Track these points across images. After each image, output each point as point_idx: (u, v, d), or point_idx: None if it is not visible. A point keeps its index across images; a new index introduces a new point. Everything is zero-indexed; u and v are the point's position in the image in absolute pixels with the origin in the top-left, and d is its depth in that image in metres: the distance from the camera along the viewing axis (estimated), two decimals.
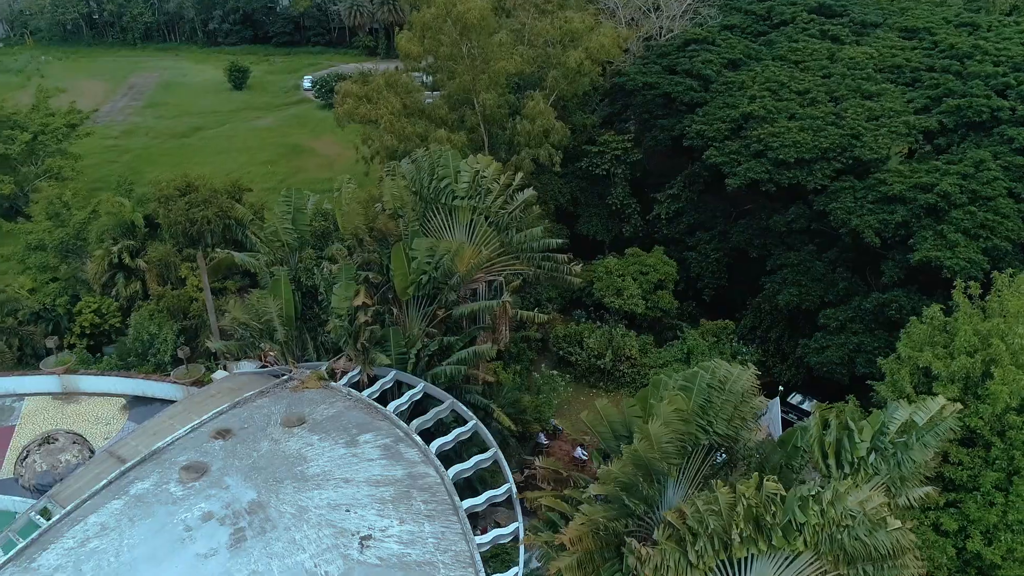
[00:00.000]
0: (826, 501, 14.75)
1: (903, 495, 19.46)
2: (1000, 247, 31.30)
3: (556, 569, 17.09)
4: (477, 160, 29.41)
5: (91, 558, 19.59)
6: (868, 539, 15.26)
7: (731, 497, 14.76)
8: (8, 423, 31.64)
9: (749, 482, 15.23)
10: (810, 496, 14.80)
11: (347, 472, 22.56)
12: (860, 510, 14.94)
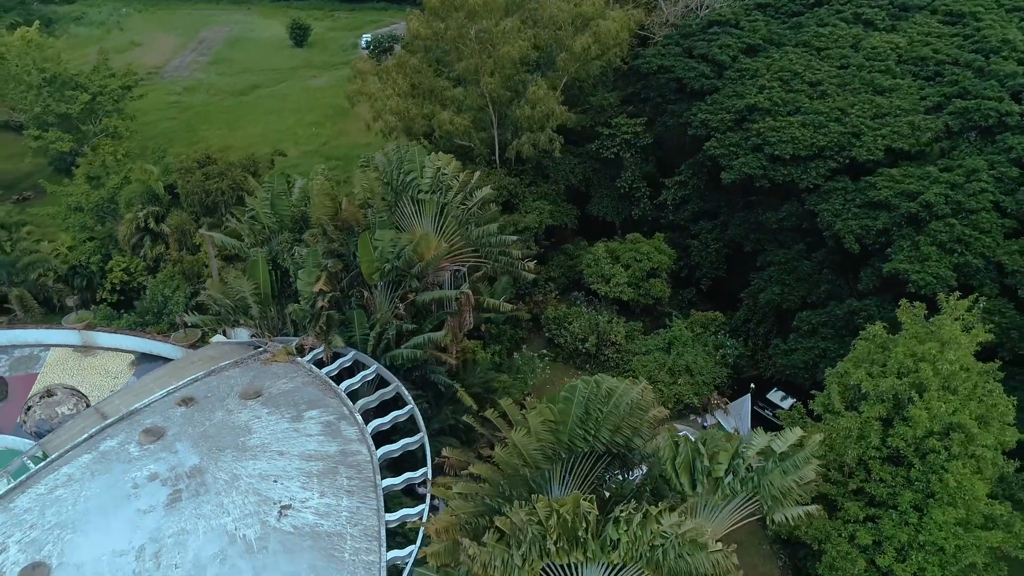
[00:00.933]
0: (635, 523, 16.07)
1: (780, 513, 20.51)
2: (972, 264, 30.60)
3: (424, 555, 19.07)
4: (439, 157, 30.77)
5: (54, 504, 22.92)
6: (690, 559, 16.52)
7: (548, 510, 16.26)
8: (33, 371, 35.75)
9: (567, 499, 16.66)
10: (621, 517, 16.15)
11: (284, 445, 25.11)
12: (673, 532, 16.19)
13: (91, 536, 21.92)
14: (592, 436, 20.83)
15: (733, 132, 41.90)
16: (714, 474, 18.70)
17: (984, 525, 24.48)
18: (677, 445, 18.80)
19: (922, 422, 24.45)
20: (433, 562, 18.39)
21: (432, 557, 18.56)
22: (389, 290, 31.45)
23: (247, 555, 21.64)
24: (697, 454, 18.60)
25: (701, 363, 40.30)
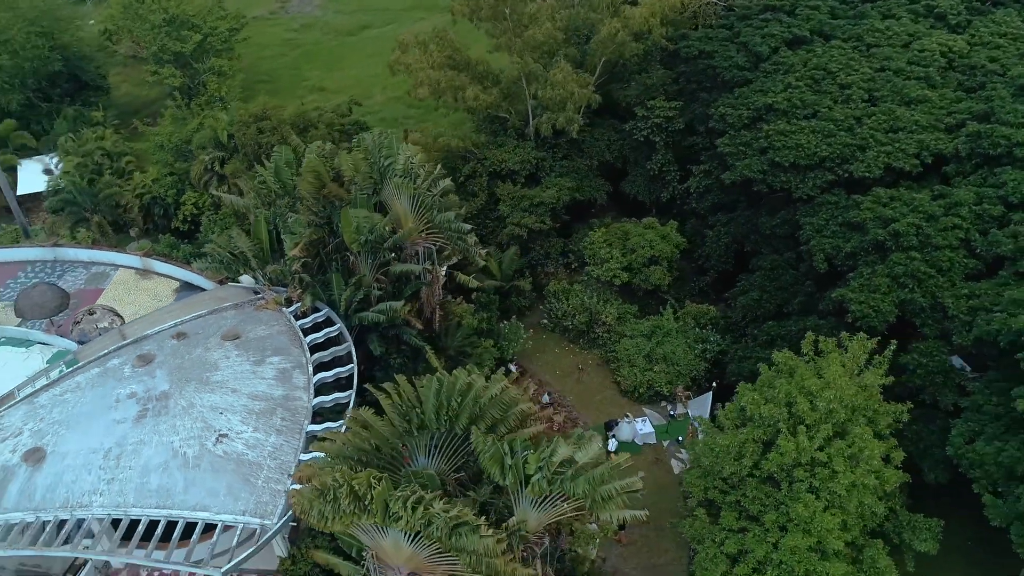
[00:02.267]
0: (410, 502, 19.61)
1: (606, 513, 23.35)
2: (917, 303, 30.25)
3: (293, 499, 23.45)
4: (408, 147, 33.93)
5: (60, 405, 29.56)
6: (464, 538, 19.98)
7: (343, 479, 20.08)
8: (102, 285, 43.41)
9: (363, 474, 20.34)
10: (400, 496, 19.72)
11: (239, 384, 30.39)
12: (442, 514, 19.63)
13: (78, 434, 28.33)
14: (448, 422, 24.32)
15: (747, 131, 41.77)
16: (525, 471, 21.70)
17: (833, 555, 25.73)
18: (489, 442, 21.84)
19: (789, 453, 25.82)
20: (290, 501, 22.74)
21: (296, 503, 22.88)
22: (370, 259, 35.61)
23: (183, 468, 27.26)
24: (505, 453, 21.62)
25: (680, 354, 41.83)
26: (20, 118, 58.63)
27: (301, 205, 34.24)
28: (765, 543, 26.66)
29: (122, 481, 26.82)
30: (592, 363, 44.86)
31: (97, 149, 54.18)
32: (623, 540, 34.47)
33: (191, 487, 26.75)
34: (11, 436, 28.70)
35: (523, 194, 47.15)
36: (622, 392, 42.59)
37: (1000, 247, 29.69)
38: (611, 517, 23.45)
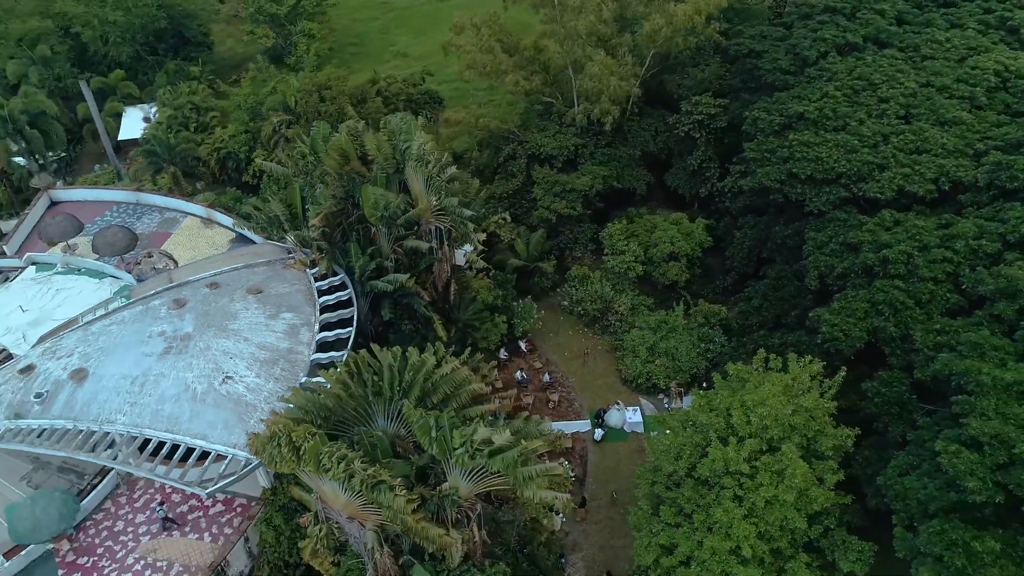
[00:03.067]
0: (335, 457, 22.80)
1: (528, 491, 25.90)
2: (888, 331, 30.35)
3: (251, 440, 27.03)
4: (421, 134, 36.42)
5: (105, 334, 34.74)
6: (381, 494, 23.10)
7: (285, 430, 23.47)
8: (171, 230, 48.88)
9: (301, 428, 23.62)
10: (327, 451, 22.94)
11: (252, 334, 34.57)
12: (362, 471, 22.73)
13: (114, 361, 33.38)
14: (402, 392, 27.35)
15: (775, 137, 41.70)
16: (453, 444, 24.45)
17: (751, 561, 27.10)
18: (418, 415, 24.62)
19: (718, 460, 27.29)
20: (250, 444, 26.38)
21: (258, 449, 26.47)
22: (387, 232, 38.81)
23: (191, 401, 31.76)
24: (431, 426, 24.38)
25: (683, 351, 42.99)
26: (128, 69, 65.30)
27: (327, 178, 37.68)
28: (692, 540, 28.35)
29: (142, 405, 31.64)
30: (601, 349, 46.67)
31: (188, 103, 59.94)
32: (584, 518, 36.80)
33: (195, 418, 31.23)
34: (65, 356, 34.17)
35: (556, 179, 48.82)
36: (623, 380, 44.32)
37: (982, 286, 29.24)
38: (533, 496, 25.86)
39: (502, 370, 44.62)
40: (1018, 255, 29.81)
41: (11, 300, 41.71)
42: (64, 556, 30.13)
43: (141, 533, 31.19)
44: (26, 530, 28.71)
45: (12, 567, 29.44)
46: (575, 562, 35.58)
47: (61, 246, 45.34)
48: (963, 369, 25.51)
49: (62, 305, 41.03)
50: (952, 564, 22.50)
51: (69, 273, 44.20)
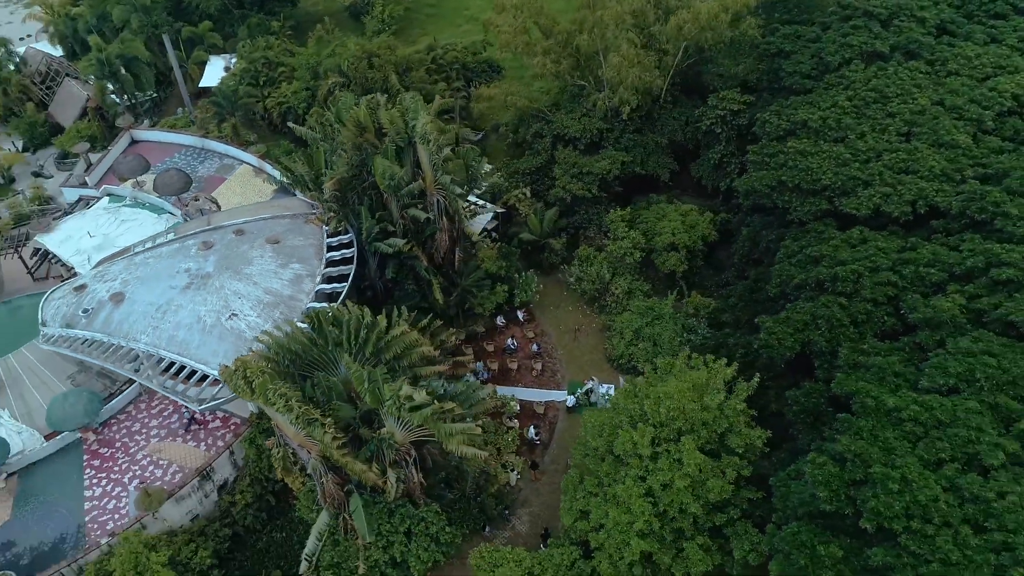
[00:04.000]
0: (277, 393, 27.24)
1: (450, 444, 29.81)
2: (819, 345, 31.78)
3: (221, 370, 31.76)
4: (424, 115, 39.61)
5: (144, 265, 40.68)
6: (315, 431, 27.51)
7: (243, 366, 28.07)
8: (226, 175, 54.85)
9: (254, 366, 28.09)
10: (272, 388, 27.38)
11: (261, 279, 39.59)
12: (296, 408, 27.13)
13: (146, 289, 39.25)
14: (358, 347, 31.54)
15: (778, 142, 42.48)
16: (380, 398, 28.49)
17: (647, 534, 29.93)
18: (354, 368, 28.63)
19: (627, 443, 30.12)
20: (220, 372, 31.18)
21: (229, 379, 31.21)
22: (396, 200, 42.75)
23: (200, 332, 37.21)
24: (364, 379, 28.38)
25: (666, 337, 45.11)
26: (216, 21, 71.25)
27: (344, 146, 41.80)
28: (601, 510, 31.51)
29: (161, 330, 37.38)
30: (595, 327, 49.36)
31: (262, 57, 65.23)
32: (536, 478, 40.38)
33: (202, 346, 36.67)
34: (110, 280, 40.40)
35: (576, 160, 51.09)
36: (608, 359, 47.01)
37: (914, 313, 30.18)
38: (455, 448, 29.70)
39: (497, 336, 48.28)
40: (958, 287, 30.44)
41: (85, 226, 48.70)
42: (90, 445, 36.56)
43: (152, 435, 37.22)
44: (58, 419, 35.15)
45: (49, 447, 36.10)
46: (521, 516, 39.32)
47: (131, 182, 51.98)
48: (852, 390, 27.09)
49: (124, 234, 47.65)
50: (796, 562, 24.76)
51: (135, 207, 50.89)
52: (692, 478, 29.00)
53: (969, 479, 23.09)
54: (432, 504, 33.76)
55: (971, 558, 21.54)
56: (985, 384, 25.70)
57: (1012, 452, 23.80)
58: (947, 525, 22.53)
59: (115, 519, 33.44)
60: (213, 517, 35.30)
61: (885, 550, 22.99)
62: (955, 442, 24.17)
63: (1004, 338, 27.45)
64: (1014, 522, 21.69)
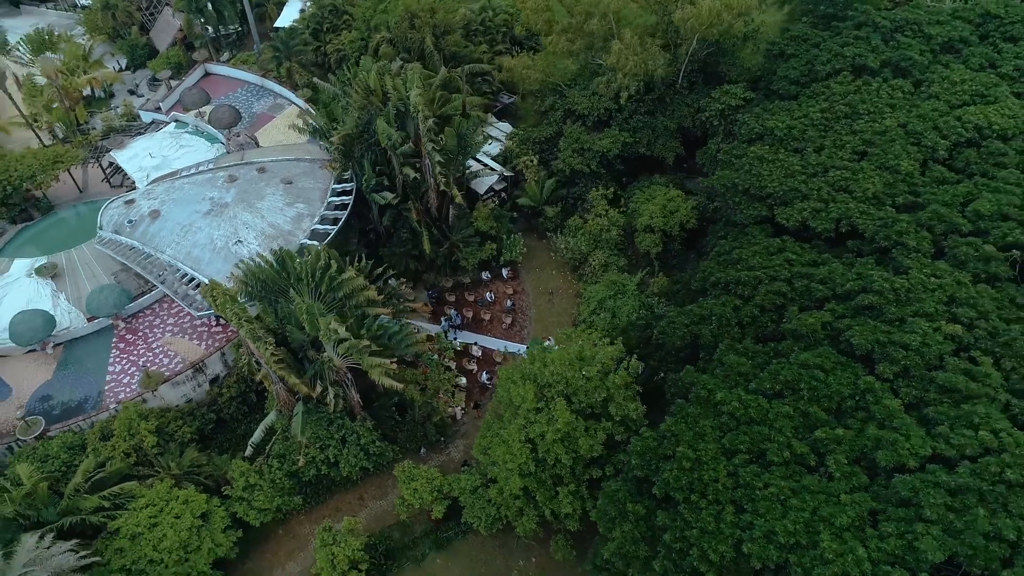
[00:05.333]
0: (235, 311, 34.05)
1: (374, 374, 36.14)
2: (705, 338, 35.44)
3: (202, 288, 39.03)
4: (415, 88, 44.42)
5: (180, 189, 48.52)
6: (262, 347, 34.36)
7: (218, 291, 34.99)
8: (275, 114, 62.00)
9: (220, 288, 34.90)
10: (230, 307, 34.21)
11: (267, 214, 46.59)
12: (245, 325, 33.92)
13: (177, 210, 47.12)
14: (314, 285, 37.98)
15: (747, 145, 44.89)
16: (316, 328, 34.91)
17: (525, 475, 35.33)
18: (297, 301, 34.97)
19: (517, 397, 35.37)
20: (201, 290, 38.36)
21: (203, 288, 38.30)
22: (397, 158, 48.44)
23: (211, 252, 44.79)
24: (304, 311, 34.76)
25: (624, 311, 49.29)
26: None
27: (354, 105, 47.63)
28: (497, 449, 37.21)
29: (181, 245, 45.24)
30: (570, 292, 53.98)
31: (330, 4, 71.32)
32: (479, 416, 46.30)
33: (210, 264, 44.28)
34: (153, 198, 48.57)
35: (580, 136, 54.85)
36: (573, 323, 51.73)
37: (787, 324, 33.37)
38: (376, 377, 35.98)
39: (480, 288, 53.83)
40: (835, 305, 33.28)
41: (150, 147, 57.24)
42: (119, 331, 45.28)
43: (167, 331, 45.52)
44: (94, 306, 43.86)
45: (89, 328, 45.03)
46: (458, 445, 45.52)
47: (194, 112, 60.00)
48: (693, 381, 31.14)
49: (179, 158, 55.81)
50: (610, 513, 29.72)
51: (195, 134, 58.95)
52: (562, 433, 34.06)
53: (749, 470, 27.15)
54: (368, 421, 40.44)
55: (721, 530, 25.92)
56: (806, 394, 29.19)
57: (801, 453, 27.53)
58: (717, 502, 26.85)
59: (126, 391, 42.06)
60: (203, 404, 43.42)
61: (666, 513, 27.63)
62: (754, 437, 28.10)
63: (844, 357, 30.52)
64: (765, 508, 25.76)
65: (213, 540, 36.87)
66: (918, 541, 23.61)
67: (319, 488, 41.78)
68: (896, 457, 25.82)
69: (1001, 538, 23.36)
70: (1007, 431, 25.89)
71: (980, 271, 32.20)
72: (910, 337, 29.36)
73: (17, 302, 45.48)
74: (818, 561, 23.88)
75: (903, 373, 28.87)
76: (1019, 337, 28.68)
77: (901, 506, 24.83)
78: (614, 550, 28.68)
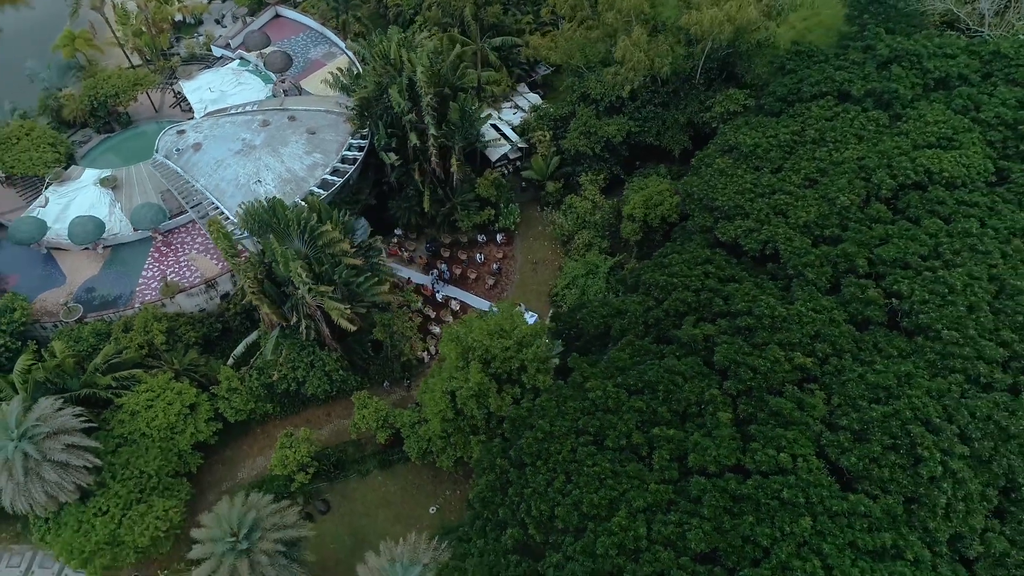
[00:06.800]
0: (225, 243, 41.11)
1: (334, 316, 42.86)
2: (614, 328, 39.83)
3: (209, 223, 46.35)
4: (421, 67, 49.05)
5: (221, 126, 55.84)
6: (246, 270, 41.56)
7: (216, 225, 42.01)
8: (326, 61, 68.07)
9: (216, 224, 41.89)
10: (224, 240, 41.27)
11: (287, 160, 53.31)
12: (237, 262, 41.00)
13: (215, 146, 54.53)
14: (301, 233, 44.56)
15: (718, 155, 47.58)
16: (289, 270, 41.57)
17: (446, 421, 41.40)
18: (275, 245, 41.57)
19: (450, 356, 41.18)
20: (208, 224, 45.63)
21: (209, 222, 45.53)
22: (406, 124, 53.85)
23: (235, 187, 52.12)
24: (280, 254, 41.34)
25: (592, 291, 53.77)
26: None
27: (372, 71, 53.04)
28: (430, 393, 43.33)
29: (212, 178, 52.79)
30: (555, 265, 58.66)
31: None
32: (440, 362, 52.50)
33: (232, 198, 51.67)
34: (199, 131, 56.20)
35: (589, 119, 58.39)
36: (548, 294, 56.66)
37: (679, 331, 37.30)
38: (336, 319, 42.63)
39: (474, 249, 59.25)
40: (723, 321, 36.85)
41: (212, 81, 64.81)
42: (156, 243, 53.74)
43: (194, 249, 53.59)
44: (136, 220, 52.29)
45: (133, 236, 53.68)
46: (418, 384, 52.06)
47: (255, 54, 66.95)
48: (573, 365, 35.96)
49: (235, 95, 63.16)
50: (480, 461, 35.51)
51: (254, 73, 66.06)
52: (474, 391, 39.77)
53: (587, 449, 32.12)
54: (336, 352, 47.42)
55: (547, 493, 31.28)
56: (661, 395, 33.56)
57: (637, 443, 32.17)
58: (553, 471, 32.12)
59: (151, 295, 50.63)
60: (213, 315, 51.57)
61: (516, 472, 33.15)
62: (604, 423, 32.91)
63: (708, 369, 34.49)
64: (585, 482, 30.82)
65: (196, 427, 45.19)
66: (689, 532, 28.26)
67: (294, 400, 49.42)
68: (701, 461, 30.18)
69: (756, 543, 27.67)
70: (804, 457, 29.67)
71: (858, 312, 34.96)
72: (761, 362, 32.98)
73: (82, 206, 54.58)
74: (605, 532, 28.96)
75: (746, 391, 32.70)
76: (855, 379, 31.82)
77: (691, 501, 29.37)
78: (476, 494, 34.58)
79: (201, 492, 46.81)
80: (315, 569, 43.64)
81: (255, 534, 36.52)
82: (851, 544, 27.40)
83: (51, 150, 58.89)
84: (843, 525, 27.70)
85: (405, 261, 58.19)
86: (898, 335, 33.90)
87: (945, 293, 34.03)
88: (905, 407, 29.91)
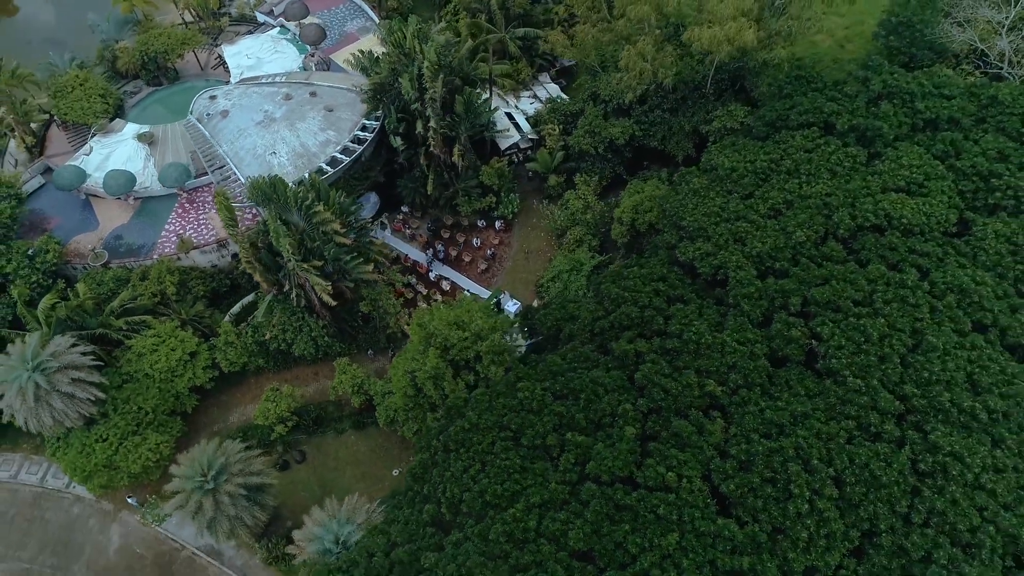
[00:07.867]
0: (227, 210, 45.54)
1: (311, 282, 47.22)
2: (564, 331, 42.87)
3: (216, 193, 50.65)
4: (428, 59, 51.68)
5: (248, 96, 60.06)
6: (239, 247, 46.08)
7: (222, 199, 46.37)
8: (360, 35, 71.22)
9: (224, 193, 46.25)
10: (227, 209, 45.70)
11: (302, 135, 57.27)
12: (234, 232, 45.46)
13: (240, 115, 58.84)
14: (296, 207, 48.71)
15: (700, 173, 49.30)
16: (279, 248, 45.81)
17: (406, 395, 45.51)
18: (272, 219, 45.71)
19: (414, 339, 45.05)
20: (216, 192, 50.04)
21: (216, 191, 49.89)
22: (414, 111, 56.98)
23: (252, 156, 56.49)
24: (275, 230, 45.51)
25: (573, 288, 56.62)
26: None
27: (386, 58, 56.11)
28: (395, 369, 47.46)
29: (233, 145, 57.24)
30: (547, 256, 61.55)
31: None
32: None
33: (248, 167, 56.08)
34: (228, 99, 60.57)
35: (595, 119, 60.38)
36: (535, 284, 59.76)
37: (616, 344, 40.10)
38: (318, 292, 46.91)
39: (473, 233, 62.56)
40: (659, 340, 39.52)
41: (251, 47, 68.93)
42: (181, 200, 58.82)
43: (213, 209, 58.45)
44: (163, 177, 57.34)
45: (161, 191, 58.81)
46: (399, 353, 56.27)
47: (294, 23, 70.62)
48: (513, 364, 39.31)
49: (271, 63, 67.20)
50: (421, 440, 39.52)
51: (292, 42, 69.89)
52: (430, 374, 43.68)
53: (503, 444, 35.69)
54: (323, 320, 51.92)
55: (460, 479, 35.15)
56: (582, 402, 36.71)
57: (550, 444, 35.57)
58: (471, 459, 35.86)
59: (170, 248, 55.90)
60: (223, 271, 56.62)
61: (443, 455, 37.08)
62: (524, 422, 36.34)
63: (630, 384, 37.36)
64: (494, 473, 34.50)
65: (194, 373, 50.59)
66: (572, 531, 31.75)
67: (285, 357, 54.31)
68: (597, 469, 33.44)
69: (627, 549, 30.98)
70: (690, 478, 32.60)
71: (779, 349, 37.14)
72: (674, 384, 35.71)
73: (121, 158, 59.96)
74: (500, 520, 32.68)
75: (655, 410, 35.59)
76: (755, 412, 34.30)
77: (580, 504, 32.77)
78: (411, 468, 38.74)
79: (195, 431, 52.52)
80: (283, 511, 49.11)
81: (222, 476, 41.70)
82: (711, 562, 30.44)
83: (101, 101, 64.22)
84: (706, 544, 30.72)
85: (407, 238, 61.99)
86: (810, 375, 36.03)
87: (861, 341, 35.85)
88: (790, 445, 32.39)
